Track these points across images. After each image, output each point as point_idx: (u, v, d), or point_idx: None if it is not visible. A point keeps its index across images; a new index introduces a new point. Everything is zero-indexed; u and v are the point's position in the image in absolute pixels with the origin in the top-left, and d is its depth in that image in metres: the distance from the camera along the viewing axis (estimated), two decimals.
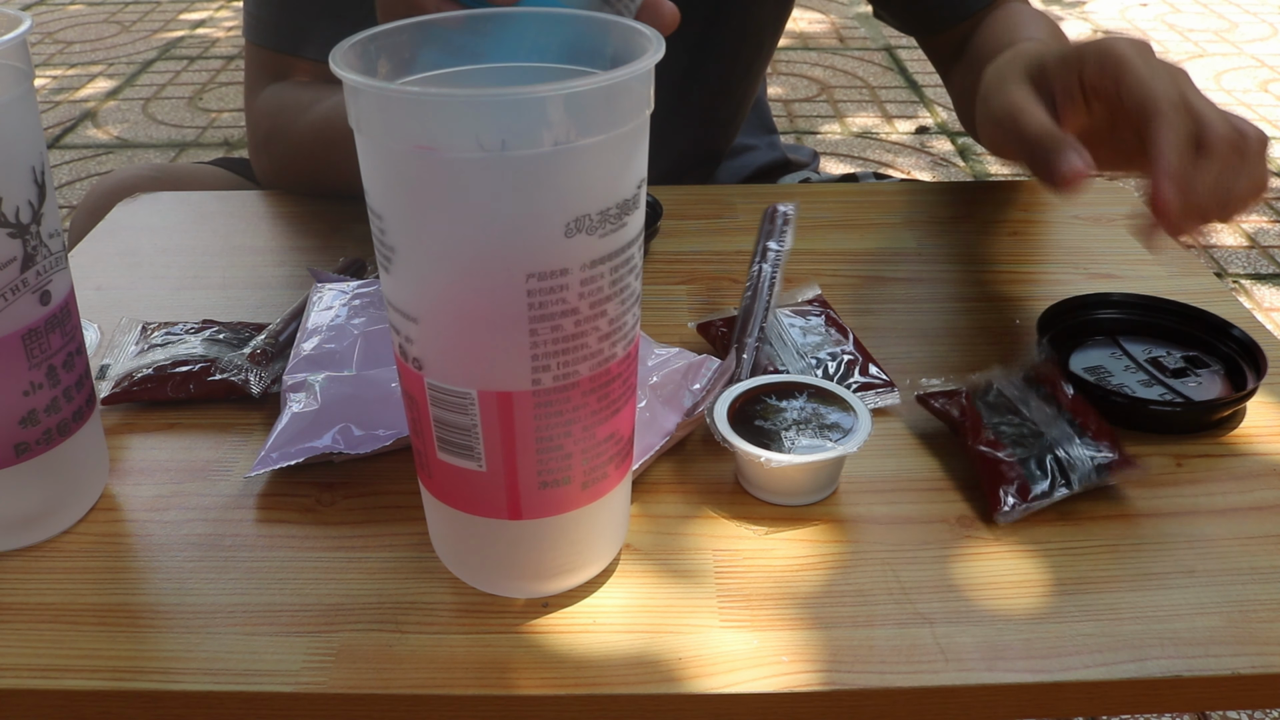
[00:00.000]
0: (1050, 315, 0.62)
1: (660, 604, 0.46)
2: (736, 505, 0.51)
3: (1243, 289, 1.97)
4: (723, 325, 0.62)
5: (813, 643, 0.44)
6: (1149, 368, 0.59)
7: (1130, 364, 0.60)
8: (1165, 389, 0.58)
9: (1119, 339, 0.62)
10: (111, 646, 0.44)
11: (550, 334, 0.39)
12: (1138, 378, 0.59)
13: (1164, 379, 0.58)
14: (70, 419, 0.48)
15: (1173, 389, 0.57)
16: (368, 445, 0.53)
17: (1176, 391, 0.57)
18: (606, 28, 0.42)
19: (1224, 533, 0.49)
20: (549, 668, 0.43)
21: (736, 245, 0.75)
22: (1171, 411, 0.56)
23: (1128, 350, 0.61)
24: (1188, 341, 0.61)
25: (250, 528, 0.50)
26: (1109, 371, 0.59)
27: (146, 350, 0.61)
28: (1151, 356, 0.60)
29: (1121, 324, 0.63)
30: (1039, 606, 0.46)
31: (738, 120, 1.00)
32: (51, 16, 3.71)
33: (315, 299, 0.63)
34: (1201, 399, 0.57)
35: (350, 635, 0.44)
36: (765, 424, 0.52)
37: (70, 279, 0.48)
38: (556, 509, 0.43)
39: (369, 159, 0.38)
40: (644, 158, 0.40)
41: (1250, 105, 2.80)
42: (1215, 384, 0.58)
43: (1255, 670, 0.43)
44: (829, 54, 3.23)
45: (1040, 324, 0.61)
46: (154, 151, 2.61)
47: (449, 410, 0.41)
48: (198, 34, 3.52)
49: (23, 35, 0.43)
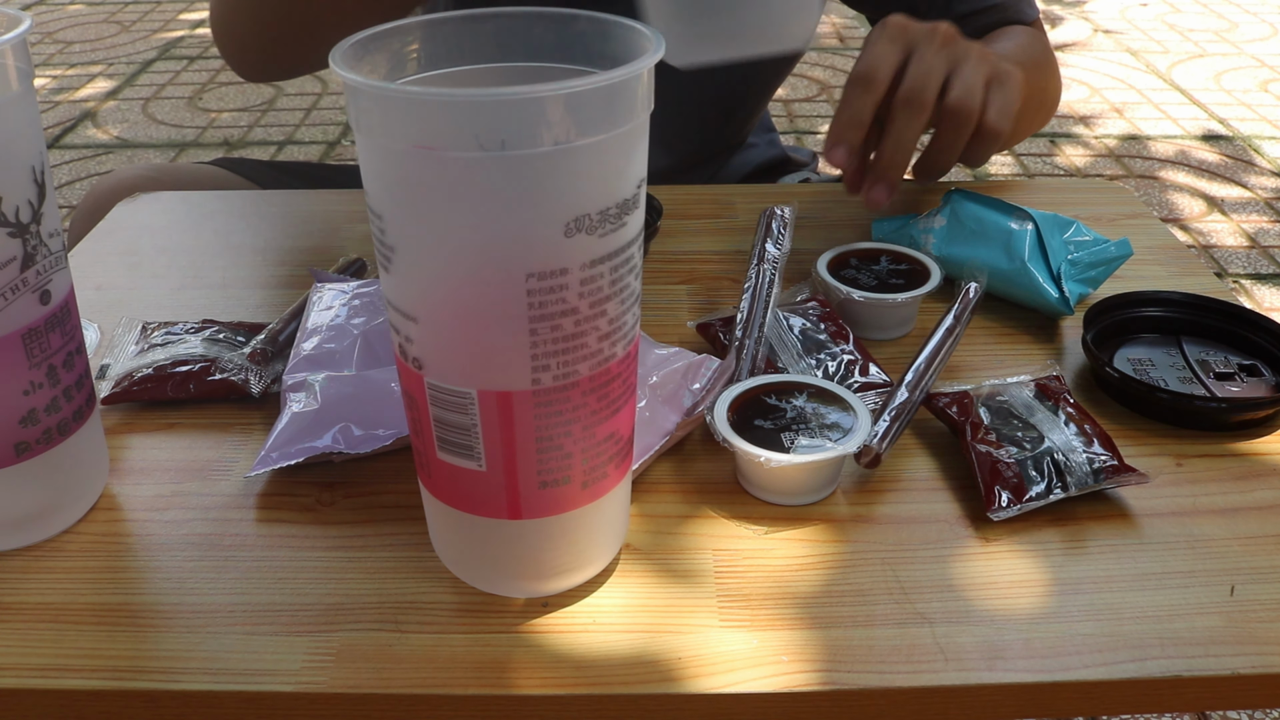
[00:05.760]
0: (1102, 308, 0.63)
1: (660, 604, 0.46)
2: (736, 505, 0.51)
3: (1243, 289, 1.97)
4: (722, 325, 0.62)
5: (813, 643, 0.44)
6: (1196, 368, 0.60)
7: (1180, 362, 0.60)
8: (1204, 389, 0.58)
9: (1181, 339, 0.63)
10: (111, 646, 0.44)
11: (550, 334, 0.39)
12: (1179, 374, 0.59)
13: (1205, 379, 0.59)
14: (70, 418, 0.48)
15: (1209, 389, 0.58)
16: (368, 445, 0.53)
17: (1212, 393, 0.58)
18: (606, 28, 0.42)
19: (1224, 533, 0.49)
20: (549, 668, 0.43)
21: (736, 245, 0.75)
22: (1172, 403, 0.56)
23: (1185, 350, 0.62)
24: (1252, 350, 0.62)
25: (250, 528, 0.50)
26: (1154, 364, 0.60)
27: (146, 350, 0.61)
28: (1203, 359, 0.61)
29: (1178, 324, 0.63)
30: (1039, 606, 0.46)
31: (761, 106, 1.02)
32: (51, 16, 3.71)
33: (315, 299, 0.63)
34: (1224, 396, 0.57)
35: (350, 635, 0.44)
36: (765, 424, 0.52)
37: (70, 278, 0.48)
38: (556, 509, 0.43)
39: (369, 159, 0.38)
40: (644, 158, 0.40)
41: (1250, 105, 2.81)
42: (1260, 390, 0.59)
43: (1255, 670, 0.43)
44: (829, 54, 3.23)
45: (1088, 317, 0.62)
46: (154, 151, 2.61)
47: (449, 410, 0.41)
48: (198, 34, 3.52)
49: (23, 35, 0.43)
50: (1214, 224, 2.21)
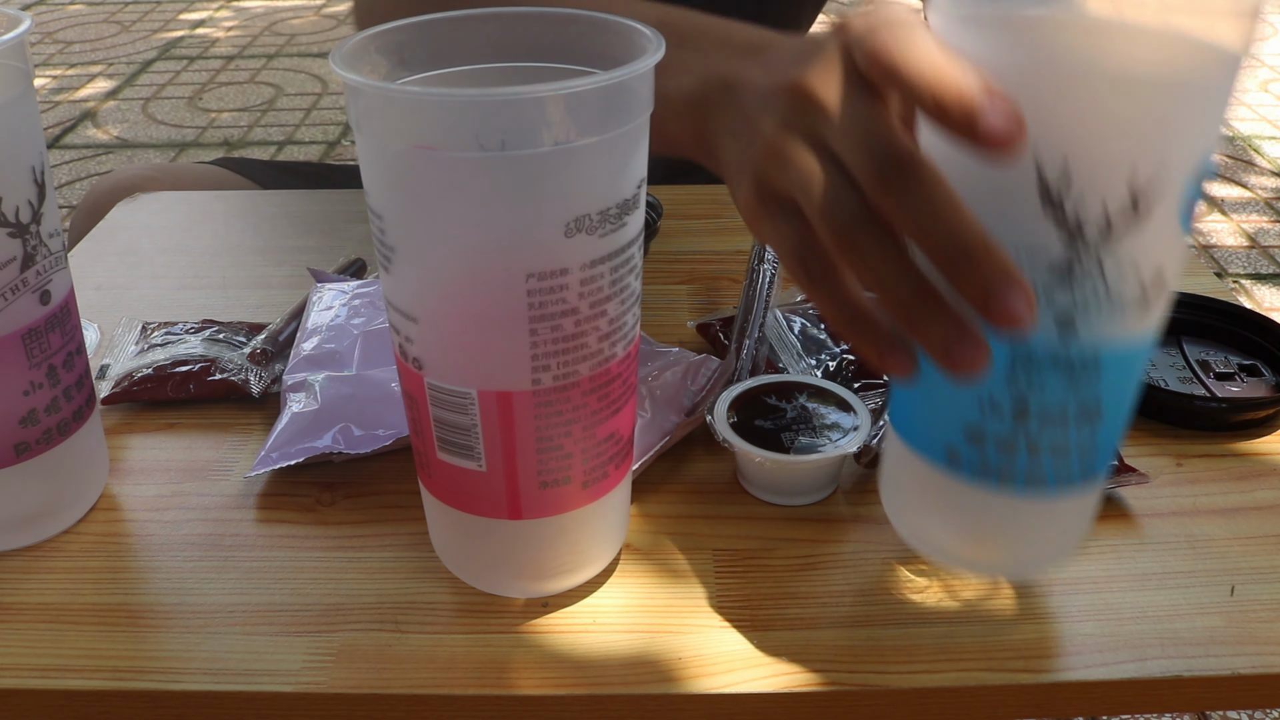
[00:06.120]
0: None
1: (660, 604, 0.46)
2: (736, 505, 0.51)
3: (1243, 289, 1.97)
4: (722, 325, 0.62)
5: (813, 643, 0.44)
6: (1196, 368, 0.60)
7: (1180, 362, 0.61)
8: (1204, 389, 0.58)
9: (1181, 339, 0.63)
10: (111, 646, 0.44)
11: (550, 334, 0.39)
12: (1179, 374, 0.59)
13: (1205, 379, 0.59)
14: (70, 419, 0.48)
15: (1209, 389, 0.58)
16: (368, 445, 0.53)
17: (1212, 393, 0.58)
18: (606, 27, 0.42)
19: (1224, 533, 0.49)
20: (549, 668, 0.43)
21: (736, 245, 0.75)
22: (1172, 403, 0.56)
23: (1185, 350, 0.62)
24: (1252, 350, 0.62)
25: (250, 528, 0.50)
26: (1154, 365, 0.60)
27: (146, 350, 0.61)
28: (1204, 359, 0.61)
29: (1178, 324, 0.63)
30: (1039, 606, 0.46)
31: None
32: (51, 16, 3.71)
33: (315, 299, 0.63)
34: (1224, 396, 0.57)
35: (350, 635, 0.44)
36: (765, 424, 0.52)
37: (70, 279, 0.48)
38: (556, 509, 0.43)
39: (369, 159, 0.38)
40: (644, 158, 0.40)
41: (1250, 105, 2.81)
42: (1260, 390, 0.59)
43: (1255, 670, 0.43)
44: None
45: None
46: (154, 151, 2.61)
47: (449, 410, 0.41)
48: (198, 34, 3.52)
49: (23, 35, 0.43)
50: (1214, 224, 2.21)
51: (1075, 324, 0.37)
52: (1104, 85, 0.34)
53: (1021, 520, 0.42)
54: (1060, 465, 0.39)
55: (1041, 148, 0.34)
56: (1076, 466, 0.40)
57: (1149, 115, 0.34)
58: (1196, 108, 0.34)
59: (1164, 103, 0.34)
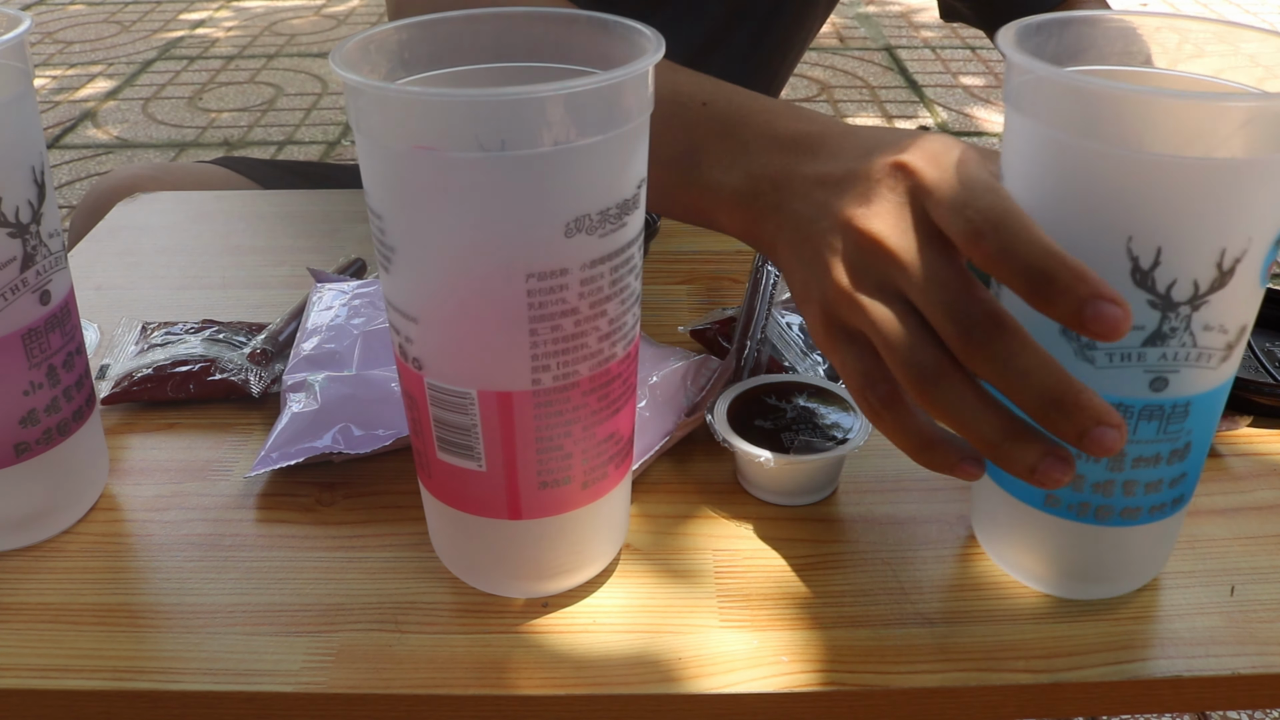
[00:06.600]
0: None
1: (660, 604, 0.46)
2: (736, 505, 0.51)
3: None
4: (719, 327, 0.62)
5: (813, 643, 0.44)
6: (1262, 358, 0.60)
7: None
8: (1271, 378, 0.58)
9: None
10: (111, 646, 0.44)
11: (550, 334, 0.39)
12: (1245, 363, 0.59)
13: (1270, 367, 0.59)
14: (70, 419, 0.48)
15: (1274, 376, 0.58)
16: (368, 445, 0.53)
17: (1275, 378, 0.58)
18: (606, 28, 0.42)
19: (1224, 533, 0.49)
20: (549, 668, 0.43)
21: (736, 245, 0.75)
22: None
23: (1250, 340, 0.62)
24: None
25: (250, 528, 0.50)
26: None
27: (146, 350, 0.61)
28: (1269, 348, 0.61)
29: None
30: (1039, 606, 0.46)
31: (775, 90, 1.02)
32: (51, 16, 3.71)
33: (315, 299, 0.63)
34: None
35: (350, 635, 0.44)
36: (765, 424, 0.52)
37: (70, 279, 0.48)
38: (556, 509, 0.43)
39: (369, 159, 0.38)
40: (644, 158, 0.40)
41: None
42: None
43: (1255, 670, 0.43)
44: (829, 54, 3.23)
45: None
46: (154, 151, 2.61)
47: (449, 410, 0.41)
48: (198, 34, 3.52)
49: (23, 35, 0.43)
50: None
51: (1166, 380, 0.39)
52: (1194, 172, 0.35)
53: (1119, 548, 0.44)
54: (1153, 498, 0.42)
55: (1133, 233, 0.36)
56: (1169, 497, 0.42)
57: (1237, 197, 0.35)
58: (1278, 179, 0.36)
59: (1252, 183, 0.35)
